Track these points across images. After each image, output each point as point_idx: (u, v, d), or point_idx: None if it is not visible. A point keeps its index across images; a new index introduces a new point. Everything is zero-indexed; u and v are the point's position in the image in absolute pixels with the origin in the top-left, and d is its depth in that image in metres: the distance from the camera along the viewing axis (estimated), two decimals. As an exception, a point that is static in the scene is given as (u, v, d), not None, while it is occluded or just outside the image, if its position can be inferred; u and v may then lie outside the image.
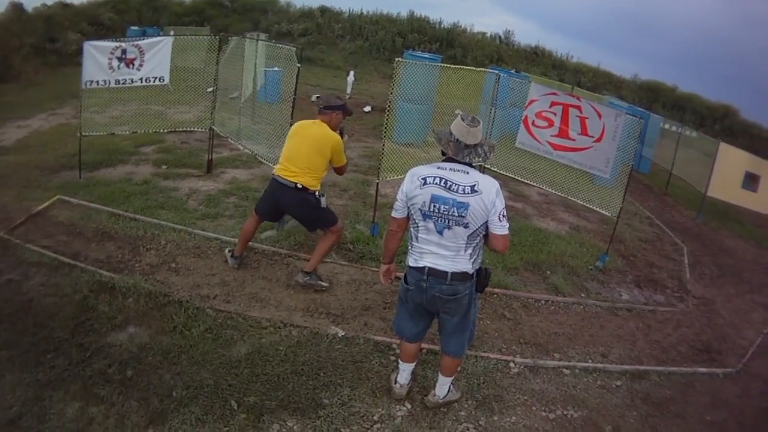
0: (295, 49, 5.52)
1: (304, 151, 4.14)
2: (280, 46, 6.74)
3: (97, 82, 6.07)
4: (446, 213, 2.73)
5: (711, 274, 6.75)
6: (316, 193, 4.22)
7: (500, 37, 23.78)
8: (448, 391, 3.29)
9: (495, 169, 6.87)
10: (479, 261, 2.91)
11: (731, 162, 9.81)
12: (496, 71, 7.57)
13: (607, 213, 6.03)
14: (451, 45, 21.61)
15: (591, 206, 6.20)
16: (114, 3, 19.29)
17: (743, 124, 21.30)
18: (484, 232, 2.82)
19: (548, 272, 5.44)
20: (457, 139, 2.76)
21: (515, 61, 21.70)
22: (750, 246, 8.76)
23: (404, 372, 3.30)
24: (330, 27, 21.93)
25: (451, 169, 2.77)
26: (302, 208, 4.25)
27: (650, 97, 21.63)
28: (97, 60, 5.97)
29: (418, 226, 2.85)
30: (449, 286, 2.83)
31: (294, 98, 5.23)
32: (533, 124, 6.20)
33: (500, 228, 2.76)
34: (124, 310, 3.78)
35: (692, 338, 4.88)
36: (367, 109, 12.56)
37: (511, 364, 3.89)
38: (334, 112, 4.25)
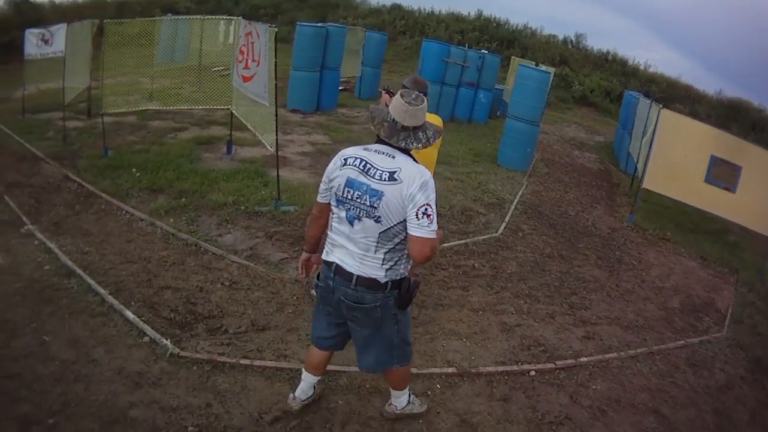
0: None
1: None
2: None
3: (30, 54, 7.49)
4: (358, 201, 2.29)
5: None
6: None
7: (571, 40, 22.22)
8: (408, 402, 2.90)
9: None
10: (401, 269, 2.41)
11: (685, 141, 6.81)
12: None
13: (269, 148, 5.41)
14: (511, 45, 20.68)
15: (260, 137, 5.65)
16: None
17: None
18: (404, 234, 2.31)
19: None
20: (394, 120, 2.28)
21: (580, 65, 20.27)
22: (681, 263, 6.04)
23: (304, 383, 2.83)
24: (393, 24, 21.91)
25: (376, 150, 2.32)
26: None
27: (729, 114, 18.97)
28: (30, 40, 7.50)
29: (333, 214, 2.45)
30: (354, 291, 2.37)
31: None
32: (238, 61, 5.69)
33: (417, 228, 2.21)
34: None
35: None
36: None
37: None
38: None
